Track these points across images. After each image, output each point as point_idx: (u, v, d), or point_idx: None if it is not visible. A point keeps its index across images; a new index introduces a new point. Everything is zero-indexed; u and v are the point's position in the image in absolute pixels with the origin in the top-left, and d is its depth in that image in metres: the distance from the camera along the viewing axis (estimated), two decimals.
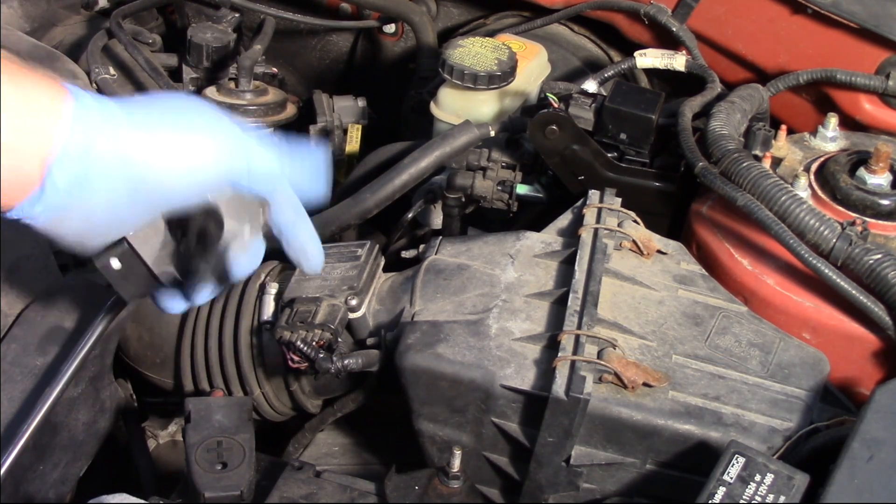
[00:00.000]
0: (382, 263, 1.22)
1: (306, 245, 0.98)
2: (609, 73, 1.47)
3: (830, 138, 1.30)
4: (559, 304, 1.09)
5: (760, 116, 1.33)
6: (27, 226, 0.84)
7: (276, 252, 1.39)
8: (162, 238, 0.91)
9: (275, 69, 1.71)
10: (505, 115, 1.49)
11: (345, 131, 1.66)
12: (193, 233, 0.91)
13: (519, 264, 1.15)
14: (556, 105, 1.26)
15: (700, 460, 0.97)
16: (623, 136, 1.27)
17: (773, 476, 0.87)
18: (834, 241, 1.07)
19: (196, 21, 1.85)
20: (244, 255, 0.93)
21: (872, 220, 1.15)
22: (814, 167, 1.23)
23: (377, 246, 1.22)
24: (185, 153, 0.85)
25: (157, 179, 0.85)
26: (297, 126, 1.66)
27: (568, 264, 1.14)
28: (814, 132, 1.31)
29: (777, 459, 0.90)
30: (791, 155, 1.28)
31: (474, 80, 1.45)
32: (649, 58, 1.46)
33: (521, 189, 1.34)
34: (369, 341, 1.15)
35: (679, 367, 1.04)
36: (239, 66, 1.59)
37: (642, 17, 1.60)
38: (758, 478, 0.87)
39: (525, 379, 1.02)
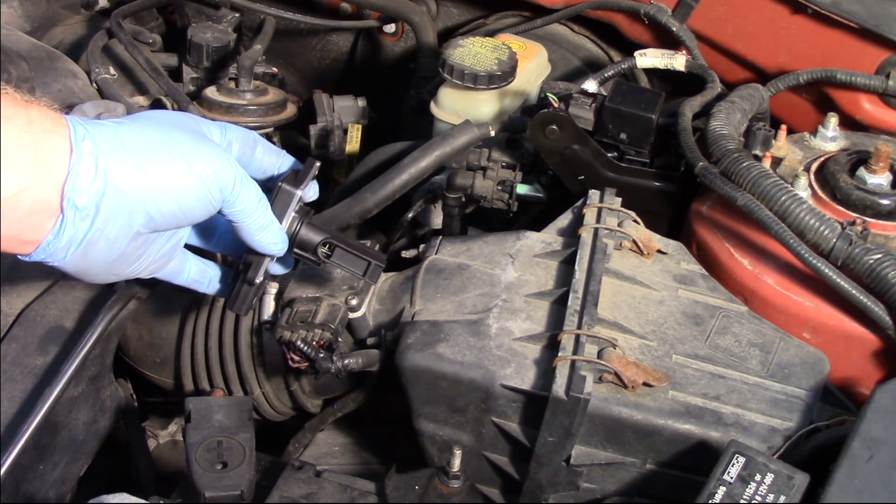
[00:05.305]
0: None
1: (266, 249, 1.01)
2: (609, 73, 1.47)
3: (830, 138, 1.30)
4: (559, 304, 1.09)
5: (760, 116, 1.33)
6: (55, 268, 0.88)
7: None
8: None
9: (275, 69, 1.72)
10: (505, 114, 1.49)
11: (345, 131, 1.66)
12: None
13: (519, 264, 1.15)
14: (556, 105, 1.26)
15: (700, 460, 0.97)
16: (623, 135, 1.27)
17: (773, 476, 0.87)
18: (834, 240, 1.07)
19: (196, 21, 1.85)
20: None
21: (872, 220, 1.15)
22: (814, 167, 1.23)
23: (377, 246, 1.21)
24: (167, 180, 0.89)
25: (163, 206, 0.89)
26: (297, 126, 1.67)
27: (568, 264, 1.14)
28: (814, 132, 1.31)
29: (777, 459, 0.90)
30: (791, 155, 1.28)
31: (474, 80, 1.45)
32: (649, 58, 1.46)
33: (521, 189, 1.34)
34: (369, 341, 1.15)
35: (679, 366, 1.04)
36: (239, 66, 1.59)
37: (642, 16, 1.60)
38: (758, 477, 0.87)
39: (525, 379, 1.02)
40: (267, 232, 0.98)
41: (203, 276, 1.06)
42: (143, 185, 0.87)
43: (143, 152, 0.88)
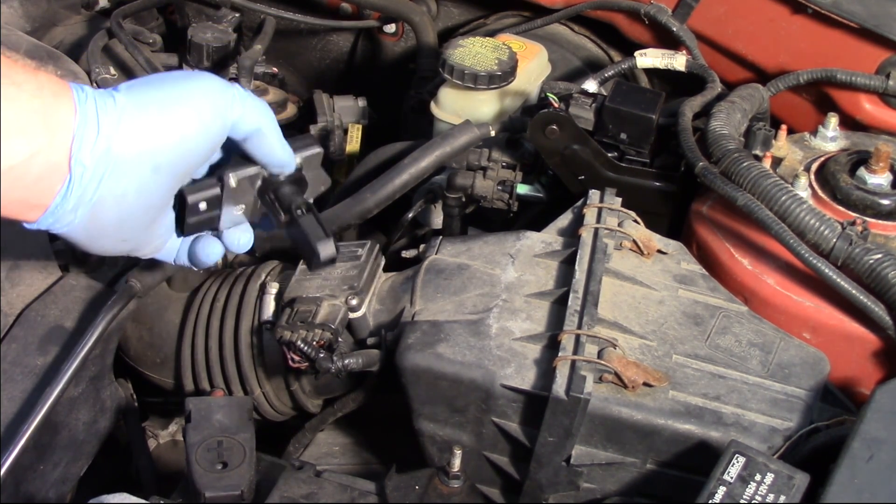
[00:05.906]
0: (383, 263, 1.22)
1: (282, 159, 0.98)
2: (609, 73, 1.47)
3: (830, 138, 1.30)
4: (559, 304, 1.09)
5: (760, 116, 1.33)
6: (61, 236, 0.87)
7: (276, 252, 1.40)
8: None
9: (275, 69, 1.72)
10: (505, 114, 1.49)
11: (345, 131, 1.66)
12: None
13: (519, 264, 1.15)
14: (556, 105, 1.26)
15: (700, 460, 0.97)
16: (623, 135, 1.27)
17: (773, 476, 0.87)
18: (834, 240, 1.07)
19: (196, 21, 1.85)
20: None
21: (872, 220, 1.15)
22: (814, 167, 1.23)
23: (377, 246, 1.22)
24: (169, 128, 0.88)
25: (166, 152, 0.88)
26: (297, 126, 1.67)
27: (568, 264, 1.14)
28: (814, 132, 1.31)
29: (777, 459, 0.90)
30: (791, 155, 1.28)
31: (474, 80, 1.45)
32: (649, 58, 1.46)
33: (522, 189, 1.34)
34: (370, 341, 1.15)
35: (679, 366, 1.04)
36: (239, 66, 1.59)
37: (642, 16, 1.60)
38: (758, 477, 0.87)
39: (525, 379, 1.02)
40: (286, 149, 0.95)
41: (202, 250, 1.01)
42: (147, 136, 0.87)
43: (143, 105, 0.88)
